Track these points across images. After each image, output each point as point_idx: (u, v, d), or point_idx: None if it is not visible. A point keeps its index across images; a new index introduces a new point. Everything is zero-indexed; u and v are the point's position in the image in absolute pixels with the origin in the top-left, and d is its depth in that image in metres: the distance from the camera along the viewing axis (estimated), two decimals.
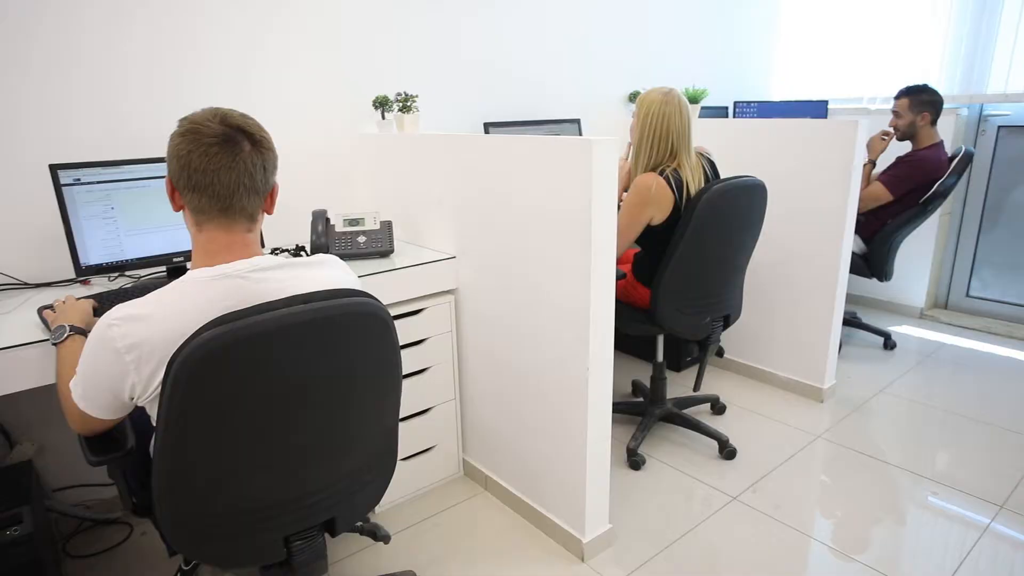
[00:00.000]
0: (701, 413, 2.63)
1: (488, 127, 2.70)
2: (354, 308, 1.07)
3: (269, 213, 1.18)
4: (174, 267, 1.88)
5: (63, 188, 1.68)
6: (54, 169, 1.67)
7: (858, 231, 3.05)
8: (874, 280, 3.14)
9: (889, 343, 3.27)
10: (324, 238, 1.91)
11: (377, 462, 1.30)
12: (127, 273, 1.93)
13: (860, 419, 2.58)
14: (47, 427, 1.98)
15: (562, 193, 1.61)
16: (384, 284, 1.86)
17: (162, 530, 1.47)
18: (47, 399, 1.95)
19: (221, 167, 1.05)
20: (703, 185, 2.03)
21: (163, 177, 1.80)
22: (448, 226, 2.04)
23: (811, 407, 2.68)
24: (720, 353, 3.03)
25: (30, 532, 1.51)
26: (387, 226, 2.03)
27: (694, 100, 3.01)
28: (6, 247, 1.83)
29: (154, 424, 1.15)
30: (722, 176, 2.12)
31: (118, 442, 1.21)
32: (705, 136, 2.79)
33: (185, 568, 1.62)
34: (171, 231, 1.85)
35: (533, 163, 1.67)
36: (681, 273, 2.02)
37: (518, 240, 1.78)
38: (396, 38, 2.46)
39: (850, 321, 3.34)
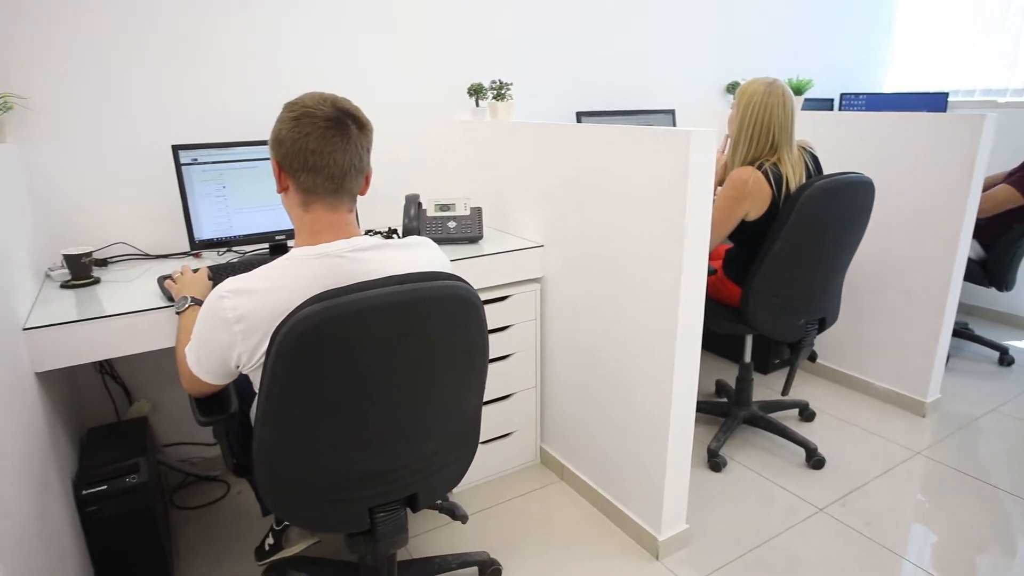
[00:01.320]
0: (788, 419, 2.52)
1: (580, 116, 2.68)
2: (447, 291, 1.09)
3: (363, 195, 1.23)
4: (276, 244, 1.99)
5: (182, 167, 1.81)
6: (176, 149, 1.80)
7: (976, 236, 2.82)
8: (993, 289, 2.89)
9: (1006, 359, 3.01)
10: (416, 222, 1.97)
11: (460, 443, 1.33)
12: (234, 248, 2.05)
13: (967, 438, 2.40)
14: (161, 387, 2.14)
15: (656, 185, 1.58)
16: (472, 270, 1.89)
17: (257, 491, 1.57)
18: (163, 361, 2.12)
19: (336, 149, 1.10)
20: (804, 181, 1.94)
21: (263, 157, 1.90)
22: (537, 214, 2.04)
23: (911, 421, 2.51)
24: (813, 357, 2.89)
25: (145, 481, 1.64)
26: (477, 212, 2.06)
27: (798, 91, 2.87)
28: (131, 221, 1.99)
29: (256, 392, 1.23)
30: (825, 172, 2.01)
31: (223, 405, 1.30)
32: (808, 129, 2.65)
33: (276, 528, 1.72)
34: (275, 211, 1.95)
35: (627, 153, 1.65)
36: (776, 272, 1.94)
37: (608, 231, 1.77)
38: (491, 26, 2.48)
39: (961, 332, 3.10)
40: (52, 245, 1.87)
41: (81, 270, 1.72)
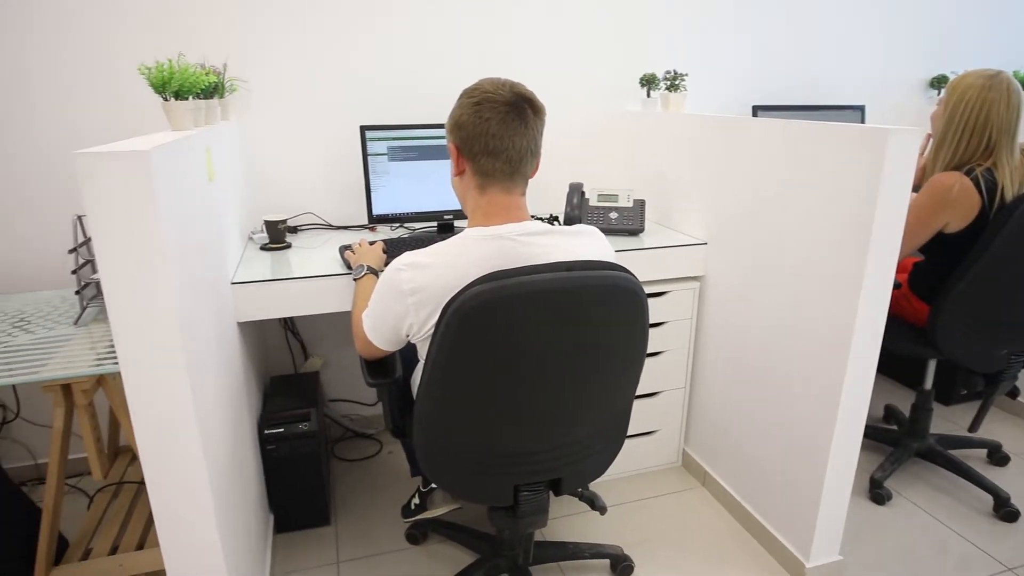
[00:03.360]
0: (973, 459, 2.23)
1: (756, 110, 2.53)
2: (612, 281, 1.09)
3: (531, 177, 1.25)
4: (444, 223, 2.09)
5: (368, 144, 1.95)
6: (363, 129, 1.95)
7: None
8: None
9: None
10: (578, 210, 1.97)
11: (608, 434, 1.33)
12: (405, 225, 2.19)
13: None
14: (332, 346, 2.35)
15: (841, 187, 1.45)
16: (631, 262, 1.87)
17: (410, 453, 1.68)
18: (336, 323, 2.33)
19: (515, 133, 1.13)
20: None
21: (440, 139, 1.99)
22: (703, 211, 1.97)
23: None
24: (1014, 394, 2.53)
25: (315, 430, 1.82)
26: (640, 205, 2.03)
27: None
28: (318, 194, 2.19)
29: (420, 361, 1.31)
30: None
31: (390, 370, 1.40)
32: None
33: (423, 490, 1.82)
34: (444, 191, 2.05)
35: (809, 151, 1.53)
36: (978, 292, 1.71)
37: (781, 233, 1.66)
38: (667, 14, 2.40)
39: None
40: (255, 211, 2.11)
41: (277, 235, 1.92)
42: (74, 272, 1.64)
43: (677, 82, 2.21)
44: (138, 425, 1.10)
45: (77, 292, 1.70)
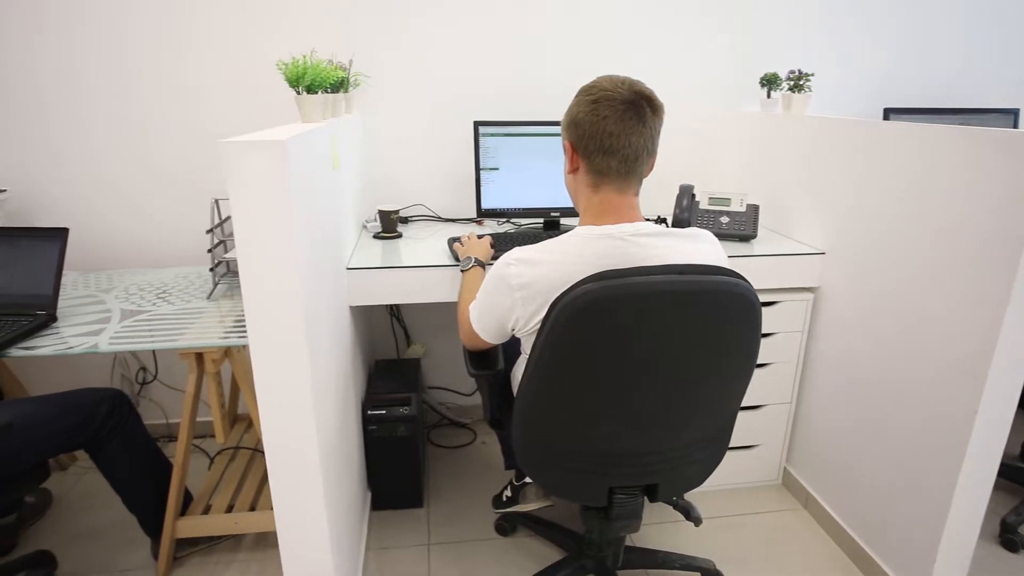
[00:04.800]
0: None
1: (888, 113, 2.36)
2: (726, 287, 1.05)
3: (645, 176, 1.22)
4: (550, 220, 2.10)
5: (480, 140, 1.99)
6: (476, 125, 1.99)
7: None
8: None
9: None
10: (687, 213, 1.92)
11: (710, 444, 1.29)
12: (512, 220, 2.22)
13: None
14: (434, 335, 2.43)
15: (987, 198, 1.33)
16: (741, 269, 1.79)
17: (506, 446, 1.70)
18: (439, 313, 2.39)
19: (632, 132, 1.12)
20: None
21: (547, 137, 2.00)
22: (821, 219, 1.86)
23: None
24: None
25: (414, 415, 1.89)
26: (753, 210, 1.95)
27: None
28: (431, 187, 2.26)
29: (523, 355, 1.32)
30: None
31: (492, 362, 1.43)
32: None
33: (516, 483, 1.85)
34: (551, 188, 2.05)
35: (951, 158, 1.41)
36: None
37: (910, 246, 1.54)
38: (792, 11, 2.28)
39: None
40: (370, 200, 2.21)
41: (390, 224, 2.00)
42: (209, 251, 1.79)
43: (802, 82, 2.10)
44: (261, 395, 1.19)
45: (211, 269, 1.84)
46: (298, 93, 1.45)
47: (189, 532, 1.72)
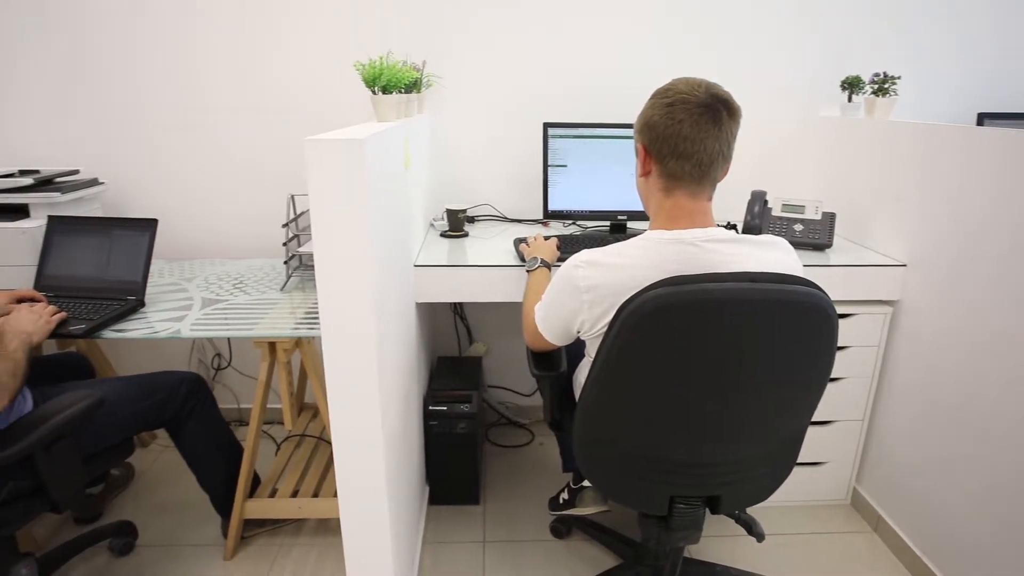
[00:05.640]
0: None
1: (983, 118, 2.23)
2: (801, 297, 1.02)
3: (719, 181, 1.19)
4: (616, 224, 2.08)
5: (549, 141, 2.00)
6: (546, 127, 1.99)
7: None
8: None
9: None
10: (759, 220, 1.87)
11: (777, 458, 1.25)
12: (578, 223, 2.21)
13: None
14: (495, 334, 2.44)
15: None
16: (815, 280, 1.72)
17: (565, 448, 1.70)
18: (502, 313, 2.41)
19: (707, 136, 1.09)
20: None
21: (615, 139, 1.98)
22: (903, 229, 1.77)
23: None
24: None
25: (474, 412, 1.91)
26: (829, 218, 1.87)
27: None
28: (498, 187, 2.27)
29: (588, 357, 1.32)
30: None
31: (555, 363, 1.43)
32: None
33: (573, 486, 1.84)
34: (619, 191, 2.03)
35: None
36: None
37: (1001, 262, 1.45)
38: (874, 9, 2.18)
39: None
40: (438, 199, 2.25)
41: (457, 223, 2.03)
42: (284, 244, 1.86)
43: (887, 85, 2.01)
44: (330, 385, 1.23)
45: (285, 262, 1.92)
46: (374, 93, 1.49)
47: (256, 513, 1.79)
